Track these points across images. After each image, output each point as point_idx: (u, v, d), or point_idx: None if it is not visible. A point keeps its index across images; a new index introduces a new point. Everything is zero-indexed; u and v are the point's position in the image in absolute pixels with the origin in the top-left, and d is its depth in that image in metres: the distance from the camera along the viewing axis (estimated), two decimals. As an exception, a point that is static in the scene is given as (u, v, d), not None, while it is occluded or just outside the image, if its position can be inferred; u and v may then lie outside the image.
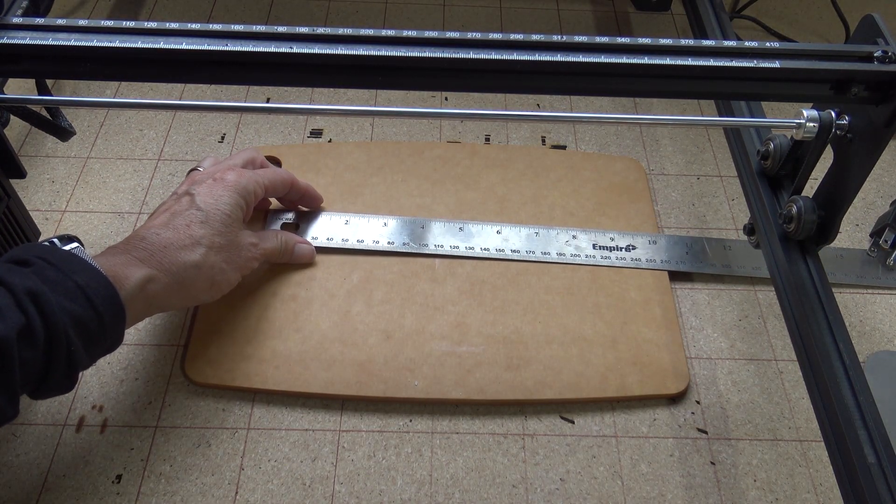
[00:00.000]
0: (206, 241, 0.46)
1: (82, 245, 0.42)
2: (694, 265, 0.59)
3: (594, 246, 0.59)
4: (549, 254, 0.58)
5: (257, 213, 0.59)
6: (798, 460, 0.50)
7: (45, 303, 0.35)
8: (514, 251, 0.58)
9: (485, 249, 0.58)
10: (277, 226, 0.59)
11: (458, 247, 0.58)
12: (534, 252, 0.58)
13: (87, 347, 0.38)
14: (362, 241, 0.58)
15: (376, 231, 0.59)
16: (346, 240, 0.58)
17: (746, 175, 0.55)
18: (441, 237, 0.59)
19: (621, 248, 0.59)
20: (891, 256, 0.60)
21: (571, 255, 0.58)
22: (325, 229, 0.59)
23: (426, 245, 0.58)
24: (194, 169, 0.54)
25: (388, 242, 0.58)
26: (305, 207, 0.60)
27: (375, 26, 0.72)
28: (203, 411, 0.51)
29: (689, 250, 0.60)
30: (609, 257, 0.58)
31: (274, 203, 0.60)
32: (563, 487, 0.48)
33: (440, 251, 0.58)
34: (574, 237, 0.59)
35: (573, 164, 0.66)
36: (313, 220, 0.59)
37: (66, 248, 0.40)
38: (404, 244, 0.58)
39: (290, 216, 0.59)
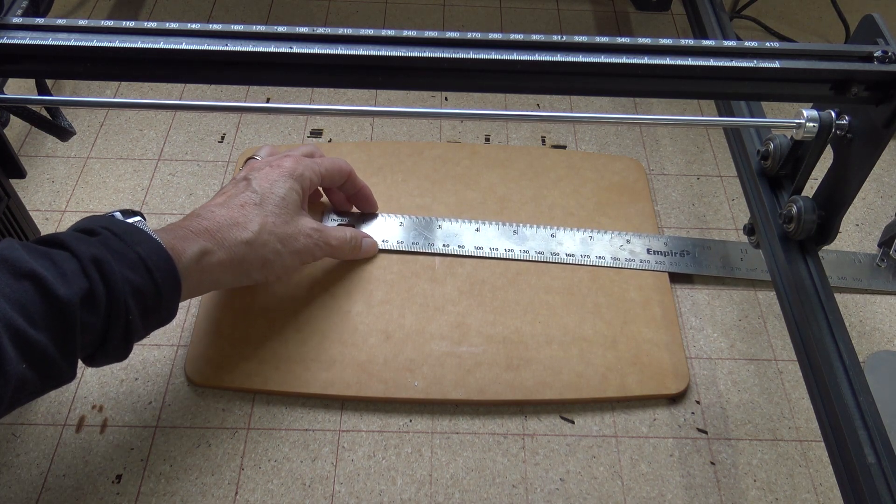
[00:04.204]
0: (259, 220, 0.47)
1: (144, 219, 0.43)
2: (746, 272, 0.59)
3: (648, 251, 0.59)
4: (603, 258, 0.58)
5: (314, 212, 0.59)
6: (798, 460, 0.50)
7: (109, 271, 0.37)
8: (569, 254, 0.58)
9: (539, 253, 0.58)
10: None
11: (512, 250, 0.58)
12: (588, 256, 0.58)
13: (143, 317, 0.40)
14: (416, 244, 0.58)
15: (430, 233, 0.59)
16: (401, 241, 0.58)
17: (746, 175, 0.55)
18: (496, 240, 0.59)
19: (675, 254, 0.59)
20: None
21: (626, 260, 0.58)
22: (381, 231, 0.59)
23: (481, 248, 0.58)
24: (252, 157, 0.55)
25: (444, 245, 0.58)
26: (359, 209, 0.60)
27: (375, 26, 0.72)
28: (203, 411, 0.51)
29: (744, 256, 0.60)
30: (663, 262, 0.58)
31: (328, 204, 0.60)
32: (563, 487, 0.48)
33: (495, 254, 0.58)
34: (628, 241, 0.59)
35: (573, 164, 0.66)
36: (369, 222, 0.59)
37: (130, 220, 0.42)
38: (459, 246, 0.58)
39: (345, 219, 0.59)
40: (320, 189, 0.59)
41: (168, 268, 0.40)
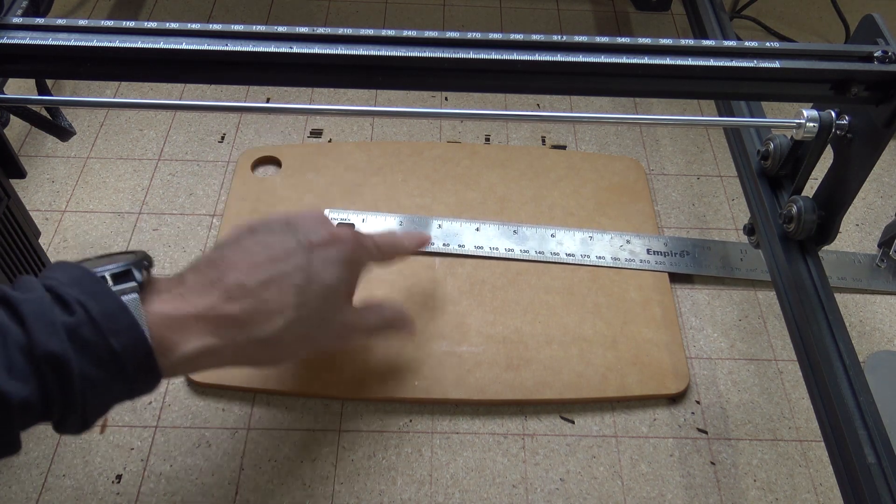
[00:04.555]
0: (290, 314, 0.39)
1: (148, 272, 0.37)
2: (745, 272, 0.59)
3: (648, 251, 0.59)
4: (603, 258, 0.58)
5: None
6: (798, 460, 0.50)
7: (66, 373, 0.32)
8: (569, 254, 0.58)
9: (539, 253, 0.58)
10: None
11: (512, 249, 0.58)
12: (588, 256, 0.58)
13: (105, 406, 0.35)
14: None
15: (430, 232, 0.59)
16: None
17: (746, 175, 0.55)
18: (496, 240, 0.59)
19: (675, 254, 0.59)
20: None
21: (626, 260, 0.58)
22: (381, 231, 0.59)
23: (481, 248, 0.58)
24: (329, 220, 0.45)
25: (444, 244, 0.58)
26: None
27: (375, 26, 0.72)
28: (203, 411, 0.51)
29: (744, 256, 0.60)
30: (663, 262, 0.58)
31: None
32: (563, 487, 0.48)
33: (495, 254, 0.58)
34: (628, 242, 0.59)
35: (573, 164, 0.66)
36: (369, 223, 0.60)
37: (119, 287, 0.35)
38: (459, 246, 0.58)
39: (345, 216, 0.59)
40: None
41: (146, 364, 0.34)
